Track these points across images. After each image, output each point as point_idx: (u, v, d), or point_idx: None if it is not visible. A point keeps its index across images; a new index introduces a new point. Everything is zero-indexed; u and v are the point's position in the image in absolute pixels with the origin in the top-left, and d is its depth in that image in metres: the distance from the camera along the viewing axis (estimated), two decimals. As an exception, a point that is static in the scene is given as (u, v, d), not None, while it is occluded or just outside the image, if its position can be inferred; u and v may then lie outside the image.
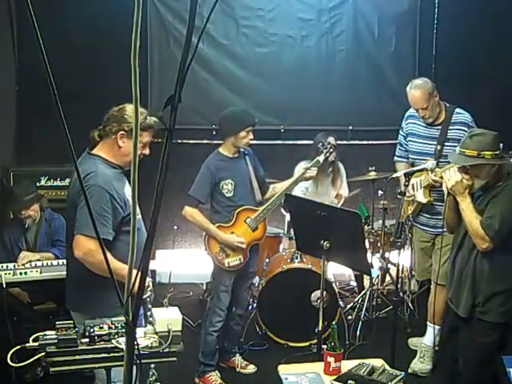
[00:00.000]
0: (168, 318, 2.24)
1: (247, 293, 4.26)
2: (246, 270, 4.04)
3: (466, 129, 3.84)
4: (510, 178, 2.99)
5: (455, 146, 3.54)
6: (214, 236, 3.86)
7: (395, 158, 4.38)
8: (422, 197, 3.95)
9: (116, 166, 2.77)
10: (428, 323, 4.08)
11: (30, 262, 3.84)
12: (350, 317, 4.88)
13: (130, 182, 1.26)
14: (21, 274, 3.74)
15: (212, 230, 3.85)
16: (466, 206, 2.98)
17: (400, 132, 4.33)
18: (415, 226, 4.29)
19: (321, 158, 4.10)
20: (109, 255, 2.52)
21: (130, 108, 2.84)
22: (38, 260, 3.86)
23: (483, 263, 3.00)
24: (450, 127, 3.97)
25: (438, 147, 3.96)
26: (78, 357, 2.09)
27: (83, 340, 2.12)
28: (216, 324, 3.91)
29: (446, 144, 3.95)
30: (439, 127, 4.02)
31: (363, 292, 4.98)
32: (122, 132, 2.80)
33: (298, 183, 4.13)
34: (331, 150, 4.19)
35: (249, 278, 4.14)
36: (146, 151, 2.81)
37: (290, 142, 6.05)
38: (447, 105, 4.07)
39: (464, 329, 3.12)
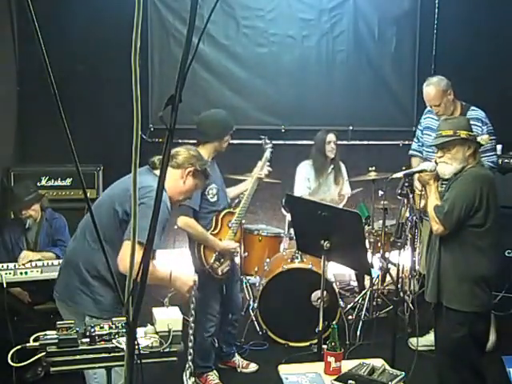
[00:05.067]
0: (168, 317, 2.24)
1: (241, 295, 4.23)
2: (232, 274, 4.01)
3: (480, 124, 4.02)
4: (478, 166, 3.10)
5: None
6: (212, 245, 3.75)
7: (410, 151, 4.56)
8: None
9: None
10: None
11: (31, 261, 3.84)
12: (350, 317, 4.88)
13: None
14: (21, 273, 3.74)
15: (211, 239, 3.73)
16: (430, 191, 3.16)
17: (418, 127, 4.49)
18: (426, 220, 4.31)
19: (267, 153, 4.18)
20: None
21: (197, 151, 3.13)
22: (39, 260, 3.86)
23: (445, 253, 3.06)
24: None
25: None
26: (78, 357, 2.09)
27: (84, 340, 2.12)
28: (210, 329, 3.88)
29: None
30: None
31: (363, 292, 4.98)
32: (191, 169, 2.95)
33: (256, 184, 4.05)
34: (271, 144, 4.25)
35: (236, 280, 4.13)
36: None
37: (291, 142, 6.05)
38: (463, 103, 4.20)
39: (437, 320, 3.18)
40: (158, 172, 2.86)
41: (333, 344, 2.68)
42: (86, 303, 2.70)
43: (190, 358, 2.84)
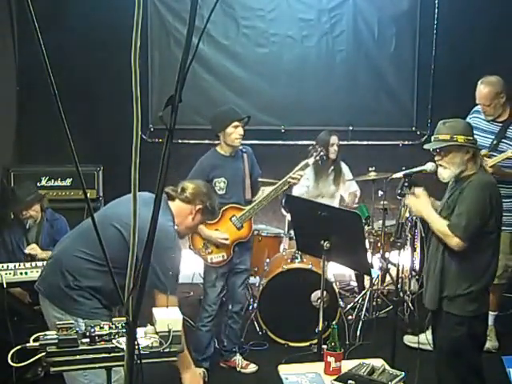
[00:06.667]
0: (168, 317, 2.24)
1: (243, 290, 4.27)
2: (238, 267, 4.07)
3: None
4: (480, 171, 3.05)
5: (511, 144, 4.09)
6: (198, 231, 3.88)
7: None
8: None
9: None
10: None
11: (36, 256, 3.86)
12: (350, 317, 4.89)
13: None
14: (21, 273, 3.73)
15: None
16: (430, 217, 3.05)
17: None
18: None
19: (310, 161, 4.12)
20: None
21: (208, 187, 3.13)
22: (40, 260, 3.86)
23: (451, 261, 3.02)
24: (511, 126, 4.18)
25: (495, 142, 4.15)
26: (78, 357, 2.09)
27: (84, 340, 2.12)
28: (204, 319, 3.96)
29: (503, 141, 4.16)
30: (501, 124, 4.21)
31: (363, 292, 4.98)
32: (201, 207, 2.94)
33: (285, 185, 4.06)
34: (321, 153, 4.18)
35: (242, 274, 4.15)
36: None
37: (291, 142, 6.05)
38: None
39: (436, 322, 3.16)
40: (172, 205, 2.89)
41: (333, 344, 2.68)
42: (68, 303, 2.70)
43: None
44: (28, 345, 2.07)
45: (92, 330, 2.12)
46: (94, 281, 2.69)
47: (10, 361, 2.04)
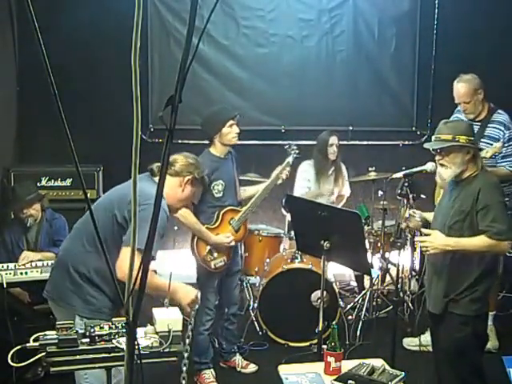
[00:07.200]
0: (168, 318, 2.24)
1: (238, 290, 4.27)
2: (231, 269, 4.08)
3: (502, 128, 4.13)
4: (482, 172, 3.04)
5: (489, 144, 4.00)
6: (205, 238, 3.83)
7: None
8: None
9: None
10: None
11: (31, 262, 3.85)
12: (350, 317, 4.89)
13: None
14: (21, 273, 3.74)
15: (203, 231, 3.81)
16: (460, 244, 2.96)
17: None
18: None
19: (290, 160, 4.24)
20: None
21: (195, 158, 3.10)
22: (39, 260, 3.86)
23: (460, 264, 3.00)
24: (489, 125, 4.20)
25: None
26: (78, 357, 2.09)
27: (84, 340, 2.12)
28: (206, 323, 3.94)
29: (482, 140, 4.12)
30: (479, 124, 4.22)
31: (363, 292, 4.98)
32: (189, 178, 2.94)
33: (272, 185, 4.13)
34: (297, 150, 4.34)
35: (236, 275, 4.18)
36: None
37: (291, 142, 6.04)
38: (492, 105, 4.27)
39: (438, 323, 3.16)
40: (157, 179, 2.88)
41: (333, 344, 2.68)
42: (76, 303, 2.71)
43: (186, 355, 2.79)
44: (28, 345, 2.07)
45: (92, 330, 2.12)
46: (99, 267, 2.67)
47: (10, 361, 2.05)
